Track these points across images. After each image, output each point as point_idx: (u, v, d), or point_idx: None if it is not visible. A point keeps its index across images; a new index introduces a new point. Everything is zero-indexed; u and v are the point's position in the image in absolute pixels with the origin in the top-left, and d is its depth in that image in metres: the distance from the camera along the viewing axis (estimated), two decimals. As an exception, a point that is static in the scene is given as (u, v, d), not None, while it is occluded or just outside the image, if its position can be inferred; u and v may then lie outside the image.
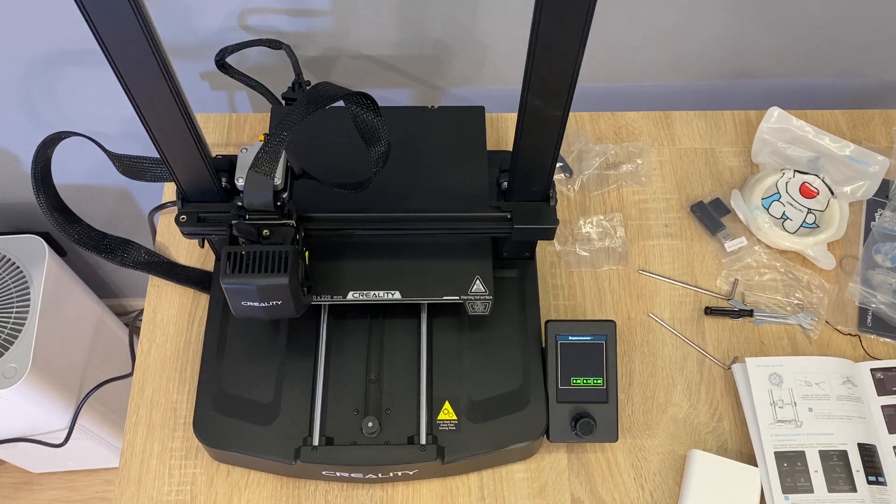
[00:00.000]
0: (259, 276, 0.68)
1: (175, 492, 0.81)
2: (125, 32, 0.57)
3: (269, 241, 0.70)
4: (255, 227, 0.70)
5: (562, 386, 0.80)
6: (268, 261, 0.68)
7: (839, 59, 1.07)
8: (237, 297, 0.70)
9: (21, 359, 1.12)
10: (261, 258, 0.68)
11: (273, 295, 0.69)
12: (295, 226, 0.71)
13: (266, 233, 0.70)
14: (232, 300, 0.71)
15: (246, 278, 0.68)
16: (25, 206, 1.29)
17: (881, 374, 0.87)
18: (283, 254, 0.68)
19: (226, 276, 0.68)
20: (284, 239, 0.70)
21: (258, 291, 0.69)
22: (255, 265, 0.68)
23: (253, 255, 0.68)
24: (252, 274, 0.68)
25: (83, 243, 0.84)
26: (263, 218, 0.70)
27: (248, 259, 0.68)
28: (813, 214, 0.94)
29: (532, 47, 0.59)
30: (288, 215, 0.71)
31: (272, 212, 0.70)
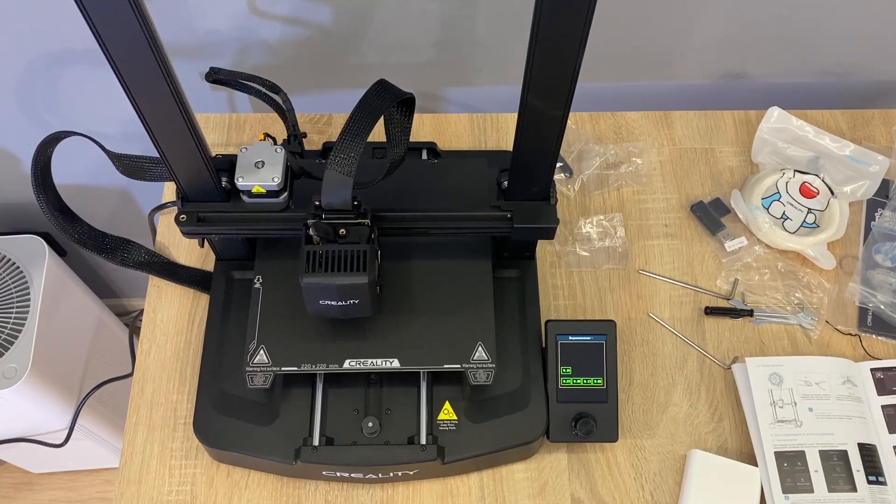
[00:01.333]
0: (338, 275, 0.68)
1: (175, 492, 0.81)
2: (125, 32, 0.57)
3: (345, 240, 0.70)
4: (332, 226, 0.70)
5: (562, 386, 0.80)
6: (347, 260, 0.69)
7: (839, 59, 1.07)
8: (315, 295, 0.71)
9: (21, 359, 1.12)
10: (339, 257, 0.69)
11: (351, 294, 0.70)
12: (370, 225, 0.71)
13: (342, 232, 0.70)
14: (309, 298, 0.71)
15: (326, 277, 0.68)
16: (25, 206, 1.29)
17: (881, 374, 0.87)
18: (361, 253, 0.69)
19: (306, 274, 0.68)
20: (360, 238, 0.70)
21: (337, 290, 0.70)
22: (334, 264, 0.69)
23: (332, 253, 0.69)
24: (331, 273, 0.68)
25: (83, 243, 0.84)
26: (340, 217, 0.70)
27: (327, 258, 0.69)
28: (813, 214, 0.94)
29: (532, 47, 0.59)
30: (363, 214, 0.71)
31: (349, 211, 0.70)
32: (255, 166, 0.74)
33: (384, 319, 0.78)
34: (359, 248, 0.69)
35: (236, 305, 0.84)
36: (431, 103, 1.11)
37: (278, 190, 0.75)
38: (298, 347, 0.77)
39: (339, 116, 1.02)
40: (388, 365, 0.76)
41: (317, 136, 1.00)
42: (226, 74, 0.89)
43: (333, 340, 0.77)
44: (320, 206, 0.70)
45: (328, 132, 1.01)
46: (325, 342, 0.77)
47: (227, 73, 0.89)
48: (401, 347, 0.77)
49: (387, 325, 0.78)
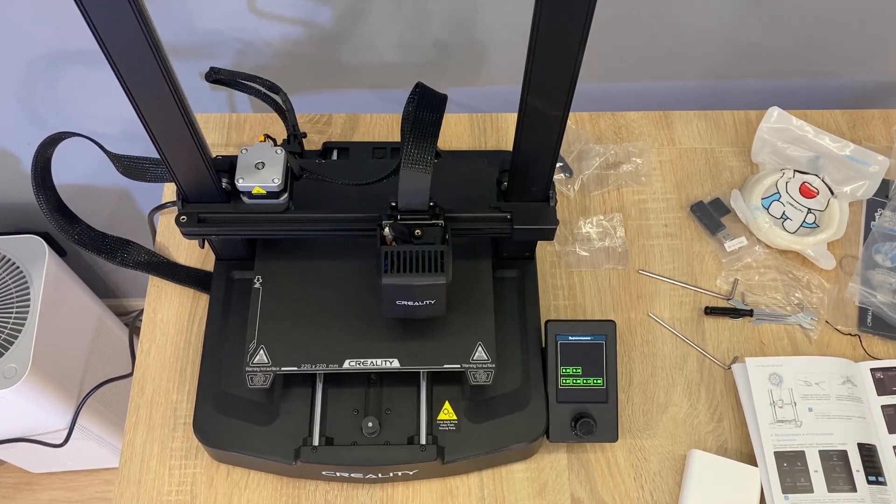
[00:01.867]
0: (417, 276, 0.69)
1: (175, 492, 0.81)
2: (125, 32, 0.57)
3: (420, 241, 0.71)
4: (408, 227, 0.71)
5: (562, 386, 0.80)
6: (424, 260, 0.69)
7: (839, 59, 1.07)
8: (394, 296, 0.71)
9: (21, 359, 1.12)
10: (417, 258, 0.69)
11: (429, 294, 0.71)
12: (444, 225, 0.72)
13: (418, 233, 0.71)
14: (387, 299, 0.71)
15: (405, 278, 0.69)
16: (25, 206, 1.29)
17: (881, 374, 0.87)
18: (438, 253, 0.69)
19: (386, 275, 0.69)
20: (435, 238, 0.71)
21: (416, 291, 0.70)
22: (413, 265, 0.69)
23: (410, 254, 0.69)
24: (410, 273, 0.69)
25: (83, 243, 0.84)
26: (416, 218, 0.71)
27: (406, 259, 0.69)
28: (813, 214, 0.94)
29: (532, 47, 0.59)
30: (438, 215, 0.72)
31: (425, 212, 0.71)
32: (256, 167, 0.74)
33: (384, 319, 0.78)
34: (435, 248, 0.70)
35: (236, 305, 0.84)
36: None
37: (278, 191, 0.75)
38: (298, 347, 0.77)
39: (338, 116, 1.02)
40: (388, 365, 0.76)
41: (317, 136, 1.00)
42: (226, 74, 0.89)
43: (333, 340, 0.77)
44: (396, 207, 0.71)
45: (328, 132, 1.01)
46: (324, 342, 0.77)
47: (227, 73, 0.89)
48: (400, 347, 0.77)
49: (387, 325, 0.78)
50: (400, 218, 0.71)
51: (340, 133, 1.01)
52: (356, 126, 1.02)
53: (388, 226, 0.70)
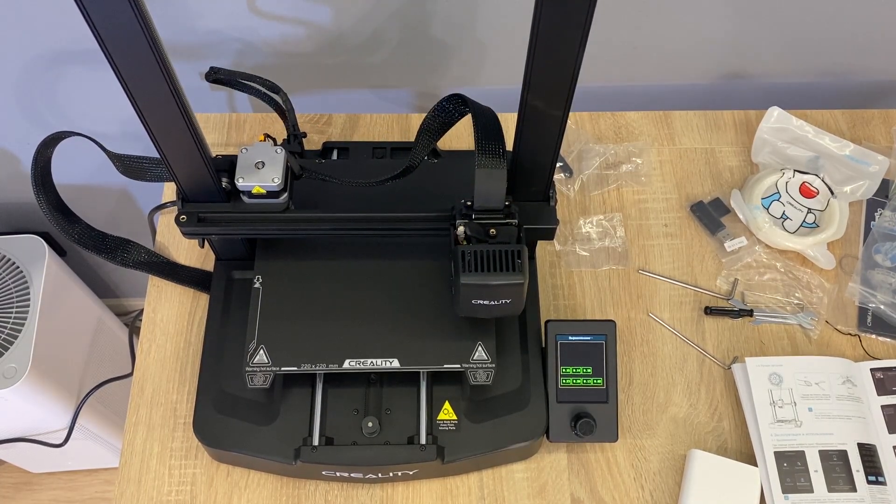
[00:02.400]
0: (495, 275, 0.69)
1: (175, 492, 0.81)
2: (125, 32, 0.57)
3: (496, 240, 0.71)
4: (483, 226, 0.71)
5: (562, 386, 0.80)
6: (502, 259, 0.69)
7: (839, 59, 1.07)
8: (472, 295, 0.71)
9: (21, 359, 1.12)
10: (495, 257, 0.69)
11: (505, 294, 0.70)
12: (518, 224, 0.72)
13: (493, 232, 0.71)
14: (464, 298, 0.71)
15: (484, 277, 0.69)
16: (25, 206, 1.29)
17: (881, 374, 0.87)
18: (515, 252, 0.69)
19: (464, 274, 0.68)
20: (510, 238, 0.71)
21: (495, 290, 0.70)
22: (490, 264, 0.69)
23: (488, 253, 0.69)
24: (489, 272, 0.69)
25: (83, 243, 0.84)
26: (490, 217, 0.71)
27: (483, 258, 0.69)
28: (813, 214, 0.94)
29: (532, 47, 0.59)
30: (512, 215, 0.72)
31: (499, 211, 0.71)
32: (256, 167, 0.74)
33: (384, 319, 0.78)
34: (511, 247, 0.70)
35: (236, 305, 0.84)
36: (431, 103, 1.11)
37: (278, 190, 0.75)
38: (298, 347, 0.77)
39: (338, 116, 1.02)
40: (388, 365, 0.76)
41: (317, 136, 1.00)
42: (226, 74, 0.89)
43: (333, 340, 0.77)
44: (471, 207, 0.71)
45: (328, 132, 1.01)
46: (324, 342, 0.77)
47: (227, 73, 0.89)
48: (400, 347, 0.77)
49: (386, 324, 0.78)
50: (475, 217, 0.71)
51: (340, 133, 1.01)
52: (356, 126, 1.02)
53: (463, 225, 0.70)
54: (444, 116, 0.74)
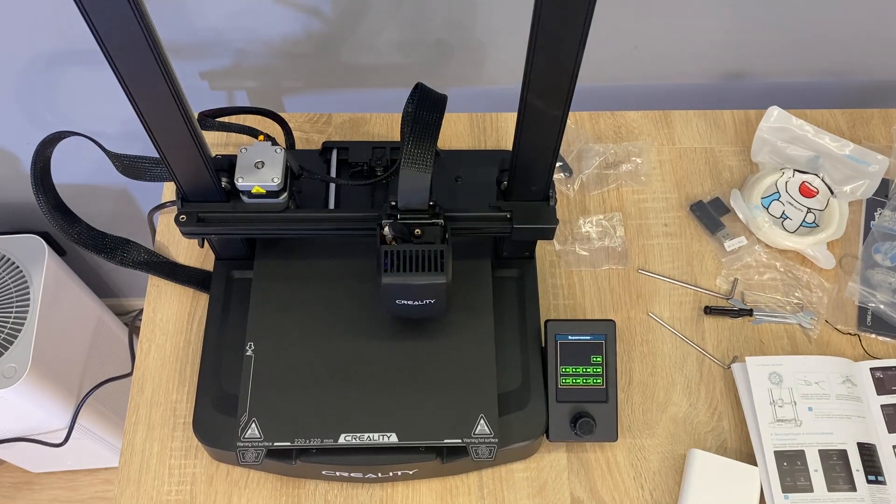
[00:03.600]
0: (417, 275, 0.69)
1: (175, 491, 0.81)
2: (125, 32, 0.57)
3: (420, 240, 0.71)
4: (408, 226, 0.71)
5: (561, 385, 0.80)
6: (424, 260, 0.69)
7: (839, 59, 1.07)
8: (394, 295, 0.71)
9: (21, 359, 1.12)
10: (417, 257, 0.69)
11: (428, 294, 0.71)
12: (444, 224, 0.72)
13: (418, 232, 0.71)
14: (386, 298, 0.71)
15: (405, 277, 0.69)
16: (25, 206, 1.29)
17: (881, 374, 0.87)
18: (438, 253, 0.69)
19: (385, 274, 0.69)
20: (435, 238, 0.71)
21: (416, 290, 0.70)
22: (412, 264, 0.69)
23: (410, 253, 0.69)
24: (410, 273, 0.69)
25: (83, 243, 0.84)
26: (416, 217, 0.71)
27: (406, 258, 0.69)
28: (812, 214, 0.94)
29: (532, 47, 0.59)
30: (437, 214, 0.72)
31: (425, 211, 0.71)
32: (255, 167, 0.74)
33: (382, 386, 0.76)
34: (435, 247, 0.70)
35: (236, 305, 0.84)
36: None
37: (278, 190, 0.75)
38: (292, 420, 0.75)
39: (338, 116, 1.02)
40: (386, 440, 0.75)
41: (317, 136, 1.00)
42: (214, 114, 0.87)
43: (328, 411, 0.75)
44: (396, 206, 0.70)
45: (328, 132, 1.01)
46: (319, 413, 0.75)
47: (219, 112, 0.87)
48: (398, 419, 0.75)
49: (384, 392, 0.76)
50: (400, 217, 0.71)
51: (340, 133, 1.01)
52: (356, 126, 1.02)
53: (387, 225, 0.70)
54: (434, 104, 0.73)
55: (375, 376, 0.77)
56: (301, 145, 0.99)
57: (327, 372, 0.77)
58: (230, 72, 1.03)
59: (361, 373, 0.77)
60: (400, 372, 0.77)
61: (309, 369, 0.77)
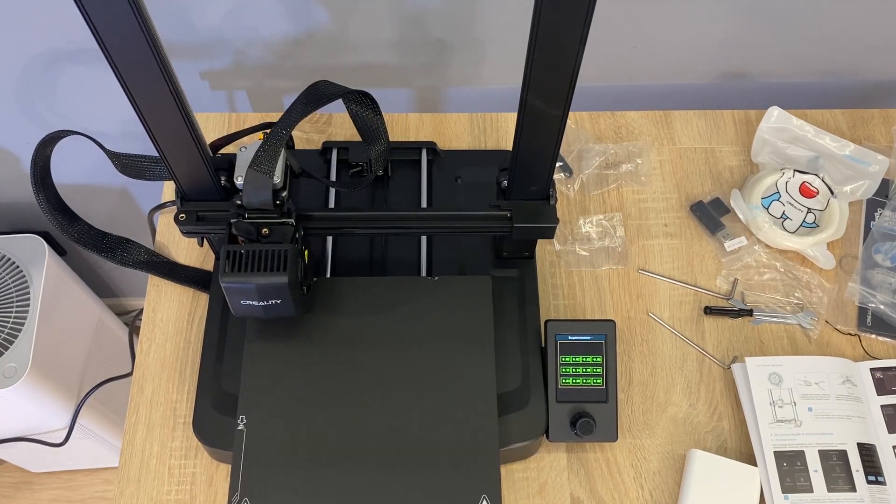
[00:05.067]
0: (258, 275, 0.68)
1: (175, 491, 0.81)
2: (125, 32, 0.57)
3: (268, 239, 0.70)
4: (255, 225, 0.70)
5: (561, 385, 0.80)
6: (267, 259, 0.68)
7: (839, 59, 1.07)
8: (236, 295, 0.70)
9: (21, 358, 1.12)
10: (260, 257, 0.68)
11: (272, 294, 0.69)
12: (294, 224, 0.71)
13: (265, 231, 0.70)
14: (231, 299, 0.70)
15: (245, 277, 0.68)
16: (25, 206, 1.29)
17: (881, 374, 0.87)
18: (282, 252, 0.68)
19: (225, 274, 0.68)
20: (284, 238, 0.70)
21: (257, 290, 0.69)
22: (254, 264, 0.68)
23: (252, 253, 0.68)
24: (251, 273, 0.68)
25: (83, 243, 0.84)
26: (262, 216, 0.70)
27: (247, 258, 0.68)
28: (813, 214, 0.94)
29: (532, 47, 0.59)
30: (287, 214, 0.71)
31: (271, 210, 0.70)
32: (255, 166, 0.74)
33: (379, 465, 0.73)
34: (280, 247, 0.69)
35: (236, 305, 0.84)
36: (431, 103, 1.12)
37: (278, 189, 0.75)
38: (286, 501, 0.72)
39: (338, 116, 1.02)
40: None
41: (317, 136, 1.00)
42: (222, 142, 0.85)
43: (323, 492, 0.72)
44: (242, 206, 0.70)
45: (328, 132, 1.01)
46: (314, 494, 0.72)
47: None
48: (396, 501, 0.72)
49: (381, 471, 0.73)
50: (247, 216, 0.70)
51: (340, 133, 1.01)
52: (356, 126, 1.02)
53: (232, 224, 0.69)
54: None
55: (372, 452, 0.73)
56: (301, 145, 0.99)
57: (322, 448, 0.73)
58: (230, 72, 1.03)
59: (358, 447, 0.73)
60: (399, 448, 0.73)
61: (302, 445, 0.73)
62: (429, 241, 0.89)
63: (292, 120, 0.66)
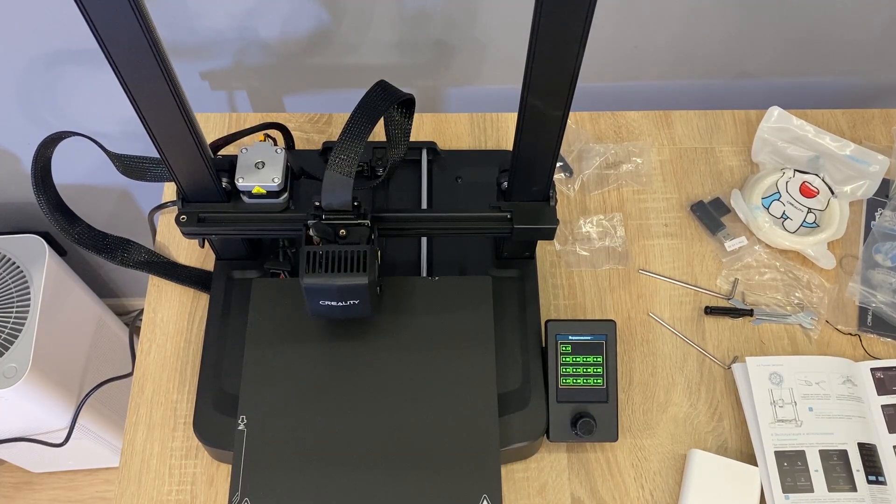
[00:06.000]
0: (339, 276, 0.68)
1: (175, 491, 0.81)
2: (125, 32, 0.57)
3: (345, 240, 0.70)
4: (333, 227, 0.70)
5: (562, 385, 0.80)
6: (347, 260, 0.69)
7: (839, 58, 1.07)
8: (316, 296, 0.70)
9: (21, 359, 1.12)
10: (340, 258, 0.69)
11: (351, 294, 0.70)
12: (370, 225, 0.71)
13: (342, 233, 0.71)
14: (310, 299, 0.71)
15: (326, 278, 0.68)
16: (25, 206, 1.29)
17: (881, 374, 0.87)
18: (361, 253, 0.69)
19: (307, 275, 0.68)
20: (361, 238, 0.71)
21: (338, 291, 0.69)
22: (335, 265, 0.69)
23: (332, 254, 0.69)
24: (332, 273, 0.68)
25: (83, 243, 0.84)
26: (340, 218, 0.71)
27: (328, 259, 0.69)
28: (813, 214, 0.94)
29: (532, 47, 0.59)
30: (363, 215, 0.71)
31: (349, 212, 0.70)
32: (256, 167, 0.74)
33: (379, 463, 0.73)
34: (359, 248, 0.69)
35: (236, 305, 0.84)
36: (431, 103, 1.11)
37: (279, 190, 0.75)
38: (286, 501, 0.72)
39: (338, 116, 1.02)
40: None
41: (317, 136, 1.00)
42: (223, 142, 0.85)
43: (324, 492, 0.72)
44: (320, 207, 0.70)
45: (328, 132, 1.01)
46: (314, 494, 0.72)
47: None
48: (397, 500, 0.72)
49: (382, 470, 0.73)
50: (325, 218, 0.70)
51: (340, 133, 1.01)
52: (356, 126, 1.02)
53: (311, 226, 0.70)
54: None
55: (373, 452, 0.73)
56: (301, 145, 0.99)
57: (322, 447, 0.73)
58: (230, 72, 1.03)
59: (358, 447, 0.73)
60: (399, 447, 0.73)
61: (303, 445, 0.73)
62: (429, 242, 0.89)
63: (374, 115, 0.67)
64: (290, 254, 0.85)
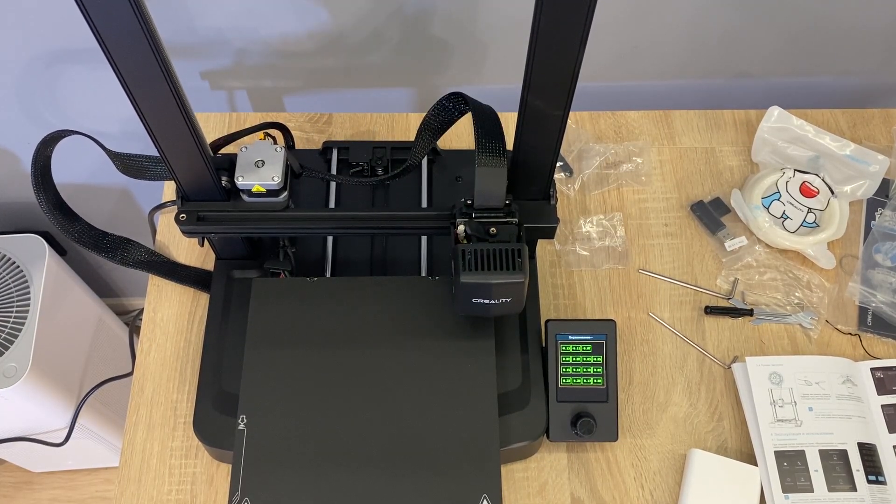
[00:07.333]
0: (496, 274, 0.68)
1: (175, 491, 0.81)
2: (125, 32, 0.57)
3: (496, 238, 0.70)
4: (483, 225, 0.70)
5: (562, 385, 0.80)
6: (502, 258, 0.69)
7: (839, 58, 1.07)
8: (470, 294, 0.70)
9: (21, 358, 1.12)
10: (495, 256, 0.69)
11: (506, 292, 0.70)
12: (518, 223, 0.71)
13: (493, 231, 0.70)
14: (463, 297, 0.70)
15: (483, 276, 0.68)
16: (25, 206, 1.29)
17: (881, 374, 0.87)
18: (515, 251, 0.69)
19: (464, 273, 0.68)
20: (511, 237, 0.70)
21: (494, 289, 0.69)
22: (490, 263, 0.68)
23: (487, 252, 0.69)
24: (489, 271, 0.68)
25: (83, 242, 0.84)
26: (490, 216, 0.71)
27: (484, 257, 0.69)
28: (813, 214, 0.94)
29: (532, 47, 0.59)
30: (512, 213, 0.71)
31: (499, 209, 0.71)
32: (255, 165, 0.74)
33: (379, 463, 0.73)
34: (511, 246, 0.69)
35: (236, 305, 0.84)
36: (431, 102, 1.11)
37: (278, 189, 0.75)
38: (286, 500, 0.71)
39: (338, 116, 1.02)
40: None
41: (317, 136, 1.00)
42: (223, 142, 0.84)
43: (324, 491, 0.72)
44: (471, 206, 0.70)
45: (328, 132, 1.01)
46: (314, 493, 0.72)
47: None
48: (397, 499, 0.72)
49: (382, 469, 0.73)
50: (475, 216, 0.70)
51: (340, 132, 1.01)
52: (356, 126, 1.02)
53: (463, 224, 0.70)
54: (445, 115, 0.74)
55: (373, 452, 0.73)
56: (301, 145, 0.99)
57: (323, 446, 0.73)
58: (230, 72, 1.03)
59: (358, 447, 0.73)
60: (399, 447, 0.73)
61: (303, 445, 0.73)
62: (429, 241, 0.89)
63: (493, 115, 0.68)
64: (290, 253, 0.85)
